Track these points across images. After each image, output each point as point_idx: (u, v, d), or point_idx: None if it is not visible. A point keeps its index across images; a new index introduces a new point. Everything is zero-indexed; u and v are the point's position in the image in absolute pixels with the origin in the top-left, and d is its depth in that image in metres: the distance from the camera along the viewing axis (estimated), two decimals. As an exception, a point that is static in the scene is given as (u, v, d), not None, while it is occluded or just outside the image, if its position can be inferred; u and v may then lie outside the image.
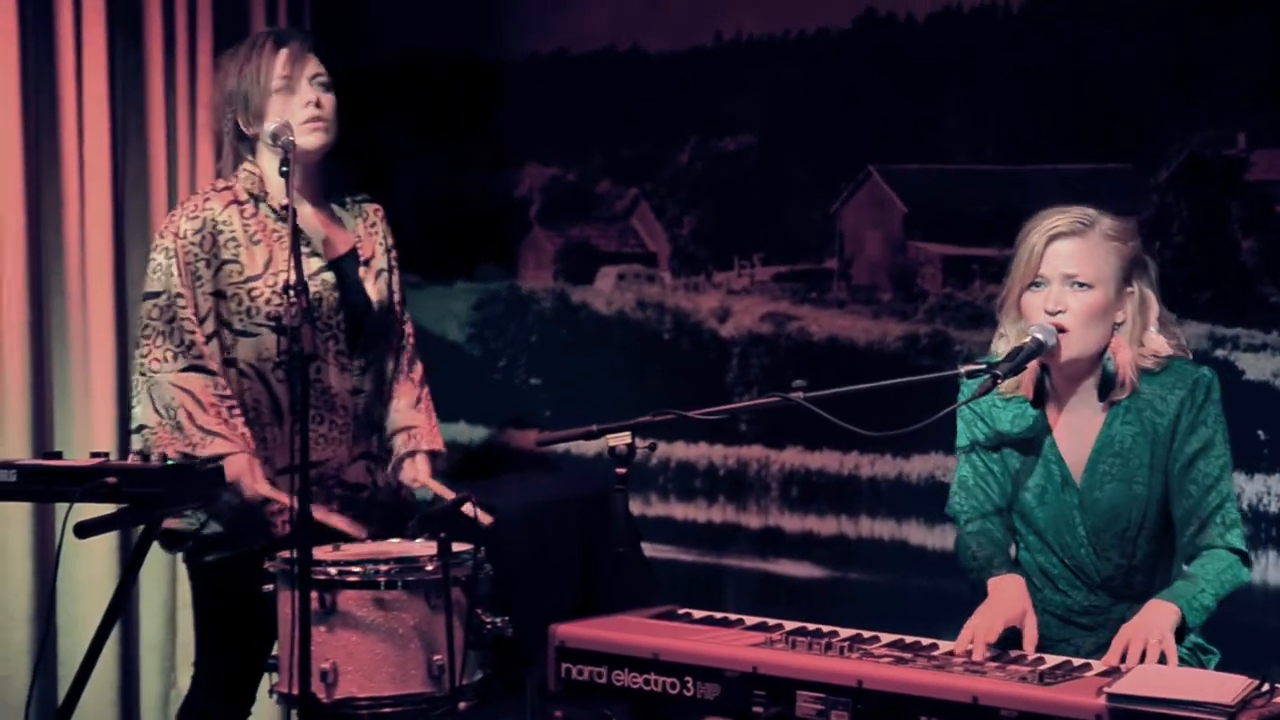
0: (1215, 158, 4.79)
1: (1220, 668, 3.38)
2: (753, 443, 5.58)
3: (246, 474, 3.82)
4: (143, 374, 3.90)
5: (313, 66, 3.95)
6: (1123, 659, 3.09)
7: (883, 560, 5.34)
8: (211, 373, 3.87)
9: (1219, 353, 4.65)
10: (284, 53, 3.92)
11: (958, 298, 5.20)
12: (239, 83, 3.96)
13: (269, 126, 3.83)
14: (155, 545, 3.81)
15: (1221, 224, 4.79)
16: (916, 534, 5.30)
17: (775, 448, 5.54)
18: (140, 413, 3.89)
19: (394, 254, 4.16)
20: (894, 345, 5.30)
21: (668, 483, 5.72)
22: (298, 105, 3.91)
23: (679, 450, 5.65)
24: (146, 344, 3.90)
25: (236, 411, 3.88)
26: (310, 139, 3.92)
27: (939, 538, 5.25)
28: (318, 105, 3.93)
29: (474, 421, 6.03)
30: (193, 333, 3.87)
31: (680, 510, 5.72)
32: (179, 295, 3.88)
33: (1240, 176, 4.76)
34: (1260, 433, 4.61)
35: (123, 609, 3.72)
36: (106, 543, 4.98)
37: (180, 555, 4.06)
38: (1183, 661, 3.27)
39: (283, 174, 3.69)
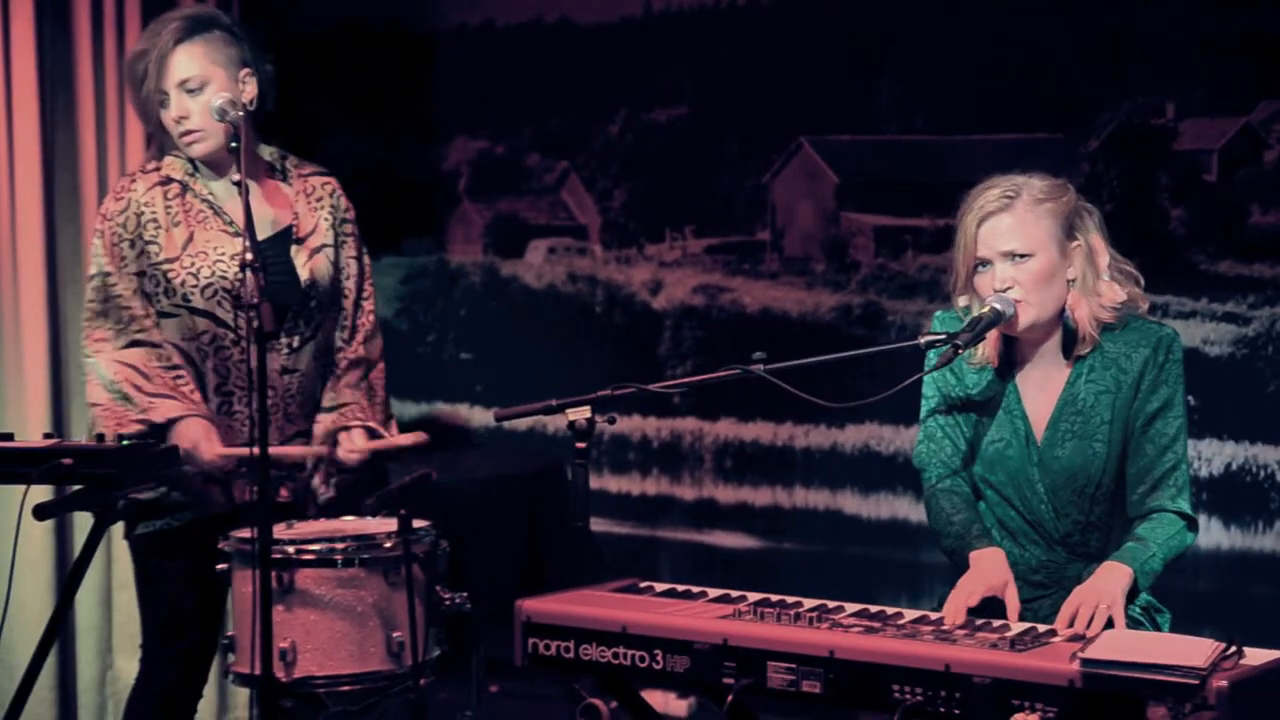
0: (1144, 127, 4.86)
1: (1171, 628, 3.44)
2: (686, 415, 5.59)
3: (203, 438, 3.79)
4: (87, 356, 3.89)
5: (181, 70, 3.84)
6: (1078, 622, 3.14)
7: (817, 530, 5.38)
8: (155, 345, 3.86)
9: (1149, 320, 4.73)
10: (151, 67, 3.86)
11: (890, 268, 5.24)
12: (133, 94, 3.94)
13: (215, 102, 3.80)
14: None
15: (1151, 193, 4.86)
16: (851, 503, 5.34)
17: (709, 419, 5.55)
18: (90, 392, 3.88)
19: (348, 228, 4.10)
20: (827, 316, 5.33)
21: (601, 455, 5.71)
22: (170, 122, 3.87)
23: (612, 422, 5.64)
24: (87, 326, 3.91)
25: (184, 378, 3.86)
26: (191, 150, 3.89)
27: (873, 507, 5.29)
28: (185, 119, 3.87)
29: (403, 397, 5.99)
30: (129, 308, 3.86)
31: (614, 483, 5.72)
32: (109, 274, 3.88)
33: (1169, 146, 4.83)
34: (1190, 398, 4.68)
35: (75, 592, 3.66)
36: (43, 526, 4.89)
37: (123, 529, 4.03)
38: (1136, 621, 3.33)
39: (232, 150, 3.70)
